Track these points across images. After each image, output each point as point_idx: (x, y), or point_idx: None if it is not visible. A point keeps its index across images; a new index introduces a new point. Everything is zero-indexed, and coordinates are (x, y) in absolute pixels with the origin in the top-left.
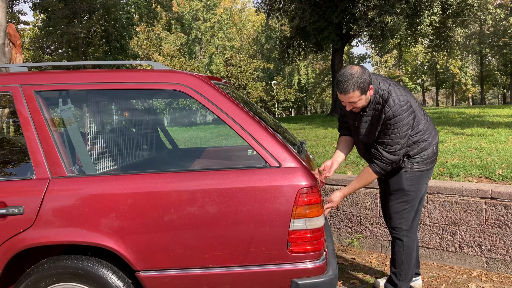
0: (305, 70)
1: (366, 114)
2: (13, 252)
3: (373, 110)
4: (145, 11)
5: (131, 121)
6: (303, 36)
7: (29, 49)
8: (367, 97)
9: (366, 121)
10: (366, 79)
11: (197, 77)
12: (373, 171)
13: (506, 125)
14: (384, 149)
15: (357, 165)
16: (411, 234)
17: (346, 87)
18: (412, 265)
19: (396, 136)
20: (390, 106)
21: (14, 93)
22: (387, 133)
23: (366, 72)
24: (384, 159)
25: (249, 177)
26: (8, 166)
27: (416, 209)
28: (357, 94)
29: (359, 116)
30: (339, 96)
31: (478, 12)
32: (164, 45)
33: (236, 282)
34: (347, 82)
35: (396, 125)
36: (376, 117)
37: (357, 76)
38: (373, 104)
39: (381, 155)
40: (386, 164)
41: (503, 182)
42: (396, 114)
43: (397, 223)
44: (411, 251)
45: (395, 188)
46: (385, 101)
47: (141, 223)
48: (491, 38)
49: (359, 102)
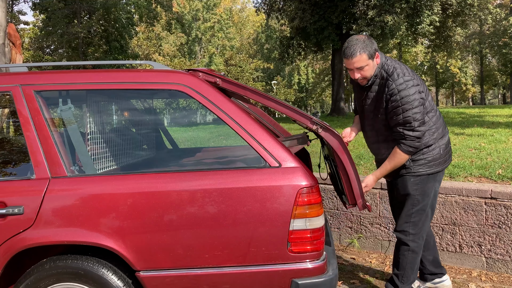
0: (305, 70)
1: (371, 89)
2: (13, 252)
3: (378, 85)
4: (145, 11)
5: (131, 121)
6: (303, 36)
7: (29, 49)
8: (374, 65)
9: (371, 97)
10: (373, 45)
11: (197, 77)
12: (402, 151)
13: (506, 125)
14: (404, 128)
15: (357, 165)
16: (418, 239)
17: (353, 50)
18: (416, 269)
19: (410, 112)
20: (394, 79)
21: (14, 93)
22: (399, 112)
23: (373, 42)
24: (408, 136)
25: (249, 177)
26: (8, 166)
27: (426, 214)
28: (364, 57)
29: (365, 93)
30: (346, 64)
31: (478, 12)
32: (164, 45)
33: (236, 282)
34: (354, 46)
35: (403, 100)
36: (381, 92)
37: (363, 41)
38: (378, 79)
39: (403, 134)
40: (412, 141)
41: (503, 182)
42: (400, 88)
43: (404, 227)
44: (416, 255)
45: (402, 192)
46: (389, 75)
47: (141, 223)
48: (491, 38)
49: (366, 69)
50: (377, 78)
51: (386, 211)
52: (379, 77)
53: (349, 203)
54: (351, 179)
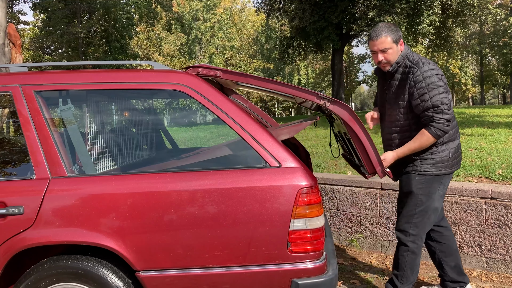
0: (305, 70)
1: (394, 77)
2: (13, 252)
3: (400, 74)
4: (145, 11)
5: (131, 121)
6: (303, 36)
7: (29, 49)
8: (397, 50)
9: (393, 85)
10: (398, 32)
11: (197, 77)
12: (430, 134)
13: (506, 125)
14: (434, 112)
15: None
16: (417, 240)
17: (378, 32)
18: (416, 270)
19: (437, 97)
20: (419, 67)
21: (14, 93)
22: (426, 98)
23: (399, 29)
24: (438, 119)
25: (249, 177)
26: (8, 166)
27: (428, 216)
28: (389, 40)
29: (388, 82)
30: (370, 46)
31: (478, 12)
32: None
33: (236, 282)
34: (380, 29)
35: (429, 86)
36: (403, 80)
37: (389, 26)
38: (401, 68)
39: (433, 117)
40: (442, 124)
41: (503, 182)
42: (425, 75)
43: (405, 227)
44: (415, 256)
45: (405, 190)
46: (414, 64)
47: (141, 223)
48: (491, 38)
49: (390, 52)
50: (400, 66)
51: (386, 211)
52: (402, 66)
53: (369, 173)
54: (366, 147)
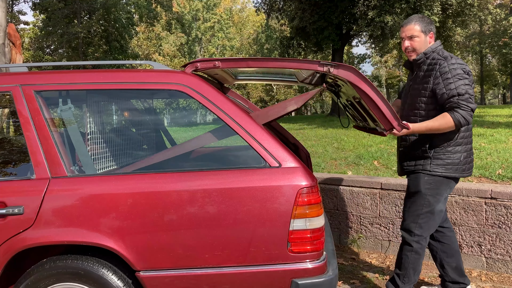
0: None
1: (421, 68)
2: (13, 252)
3: (427, 65)
4: (145, 11)
5: (131, 121)
6: (303, 36)
7: (29, 49)
8: (425, 41)
9: (420, 76)
10: (430, 24)
11: (197, 77)
12: (452, 118)
13: (506, 125)
14: (459, 99)
15: (357, 165)
16: (422, 240)
17: (409, 20)
18: (418, 270)
19: (463, 87)
20: (447, 60)
21: (14, 93)
22: (452, 87)
23: (432, 23)
24: (463, 106)
25: (249, 177)
26: (8, 166)
27: (434, 217)
28: (417, 28)
29: (415, 73)
30: (400, 33)
31: (478, 12)
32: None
33: (236, 282)
34: (411, 17)
35: (455, 77)
36: (429, 70)
37: (421, 16)
38: (429, 59)
39: (458, 103)
40: (466, 111)
41: (503, 182)
42: (451, 67)
43: (411, 226)
44: (419, 257)
45: (413, 190)
46: (442, 57)
47: (141, 223)
48: (491, 38)
49: (417, 41)
50: (428, 58)
51: (386, 211)
52: (430, 58)
53: (386, 130)
54: (379, 104)
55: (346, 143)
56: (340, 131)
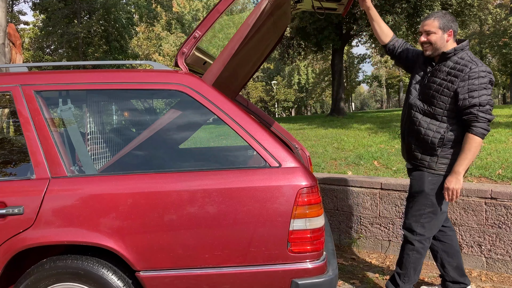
0: (305, 70)
1: (441, 67)
2: (13, 252)
3: (453, 62)
4: (145, 11)
5: (131, 121)
6: (303, 36)
7: (29, 49)
8: (443, 38)
9: (442, 71)
10: (450, 22)
11: (197, 77)
12: (475, 135)
13: (506, 125)
14: (479, 110)
15: (357, 165)
16: (424, 240)
17: (430, 15)
18: (418, 270)
19: (486, 97)
20: (478, 65)
21: (14, 93)
22: (475, 95)
23: (454, 20)
24: (481, 118)
25: (249, 177)
26: (8, 166)
27: (437, 217)
28: (436, 24)
29: (432, 69)
30: (420, 28)
31: (478, 12)
32: (164, 45)
33: (236, 282)
34: (433, 12)
35: (481, 85)
36: (456, 71)
37: (443, 13)
38: (456, 57)
39: (477, 115)
40: (484, 123)
41: (503, 182)
42: (481, 75)
43: (413, 225)
44: (420, 256)
45: (416, 189)
46: (473, 59)
47: (141, 223)
48: (491, 38)
49: (433, 36)
50: (456, 55)
51: (386, 211)
52: (458, 56)
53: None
54: None
55: (346, 143)
56: (340, 131)
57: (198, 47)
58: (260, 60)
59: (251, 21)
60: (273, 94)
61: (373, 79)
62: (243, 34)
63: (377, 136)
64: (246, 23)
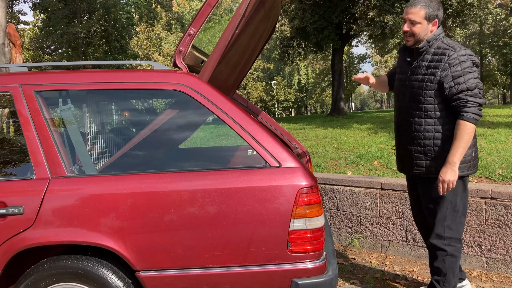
0: (305, 70)
1: (424, 58)
2: (13, 252)
3: (431, 54)
4: (145, 11)
5: (131, 121)
6: (303, 36)
7: (29, 49)
8: (427, 29)
9: (422, 66)
10: (436, 10)
11: (197, 77)
12: (467, 121)
13: (506, 125)
14: (467, 95)
15: (357, 165)
16: (454, 242)
17: (416, 2)
18: (457, 273)
19: (472, 81)
20: (456, 50)
21: (14, 93)
22: (461, 81)
23: (440, 8)
24: (471, 103)
25: (249, 177)
26: (8, 166)
27: (460, 216)
28: (422, 13)
29: (415, 62)
30: (404, 13)
31: (478, 12)
32: (164, 45)
33: (236, 282)
34: (419, 0)
35: (465, 70)
36: (435, 61)
37: (430, 1)
38: (433, 49)
39: (466, 100)
40: (474, 108)
41: (503, 182)
42: (461, 59)
43: (439, 231)
44: (455, 259)
45: (433, 197)
46: (450, 46)
47: (141, 223)
48: (491, 38)
49: (418, 27)
50: (431, 46)
51: (386, 211)
52: (434, 47)
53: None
54: None
55: (346, 143)
56: (340, 131)
57: (195, 47)
58: (256, 53)
59: (242, 10)
60: (273, 94)
61: None
62: (235, 24)
63: (377, 136)
64: (237, 12)
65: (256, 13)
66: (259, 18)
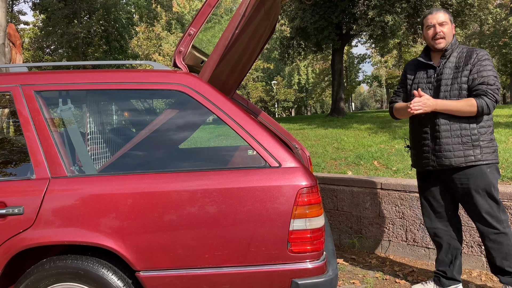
0: (305, 70)
1: (450, 59)
2: (13, 252)
3: (459, 53)
4: (145, 11)
5: (131, 121)
6: (303, 36)
7: (29, 49)
8: (451, 31)
9: (449, 66)
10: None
11: (197, 77)
12: (476, 103)
13: (506, 125)
14: (488, 87)
15: (357, 165)
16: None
17: (436, 9)
18: None
19: (493, 77)
20: (481, 50)
21: (14, 93)
22: (485, 74)
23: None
24: (489, 94)
25: (249, 177)
26: (8, 166)
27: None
28: (447, 16)
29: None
30: (429, 20)
31: (478, 12)
32: (164, 45)
33: (236, 282)
34: (437, 8)
35: (487, 67)
36: (463, 57)
37: (446, 9)
38: (459, 48)
39: (486, 90)
40: (491, 100)
41: (503, 182)
42: (486, 57)
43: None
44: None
45: (481, 186)
46: (474, 48)
47: (141, 223)
48: (491, 38)
49: (447, 28)
50: (455, 47)
51: (386, 211)
52: (459, 49)
53: None
54: None
55: (346, 143)
56: (340, 131)
57: (195, 47)
58: (256, 53)
59: (241, 10)
60: (273, 94)
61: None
62: (235, 24)
63: (377, 136)
64: (237, 12)
65: (256, 13)
66: (259, 18)
